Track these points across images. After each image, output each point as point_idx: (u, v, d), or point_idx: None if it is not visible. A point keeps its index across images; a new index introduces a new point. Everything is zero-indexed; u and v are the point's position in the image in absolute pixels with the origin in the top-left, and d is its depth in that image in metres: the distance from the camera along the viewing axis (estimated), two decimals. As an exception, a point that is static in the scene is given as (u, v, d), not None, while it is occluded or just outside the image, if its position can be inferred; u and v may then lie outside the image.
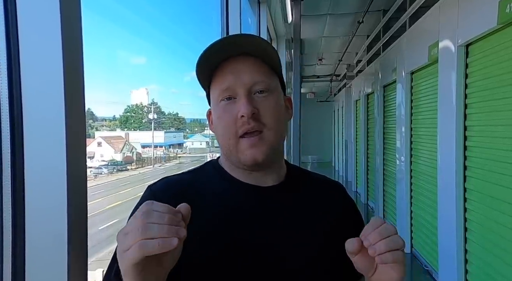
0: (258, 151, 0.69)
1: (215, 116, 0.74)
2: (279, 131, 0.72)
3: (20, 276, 0.64)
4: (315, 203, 0.78)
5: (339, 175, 12.50)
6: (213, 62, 0.71)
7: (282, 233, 0.71)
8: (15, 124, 0.64)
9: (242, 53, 0.71)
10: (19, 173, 0.64)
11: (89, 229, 0.74)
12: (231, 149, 0.71)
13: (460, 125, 3.28)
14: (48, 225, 0.65)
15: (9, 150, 0.63)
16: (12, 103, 0.64)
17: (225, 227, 0.69)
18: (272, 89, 0.73)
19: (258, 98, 0.71)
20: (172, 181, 0.75)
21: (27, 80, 0.65)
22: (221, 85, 0.71)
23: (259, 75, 0.71)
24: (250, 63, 0.72)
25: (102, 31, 54.33)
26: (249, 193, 0.73)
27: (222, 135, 0.72)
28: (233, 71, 0.71)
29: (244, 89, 0.70)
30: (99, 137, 34.20)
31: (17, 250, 0.64)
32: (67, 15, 0.66)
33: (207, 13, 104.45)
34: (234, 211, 0.71)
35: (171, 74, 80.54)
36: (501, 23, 2.59)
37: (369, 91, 7.42)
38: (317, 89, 14.22)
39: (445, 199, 3.62)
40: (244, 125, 0.69)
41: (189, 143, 49.46)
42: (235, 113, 0.69)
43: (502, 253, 2.74)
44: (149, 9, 62.76)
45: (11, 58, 0.64)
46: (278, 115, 0.73)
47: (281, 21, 4.39)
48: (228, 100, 0.71)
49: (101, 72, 64.22)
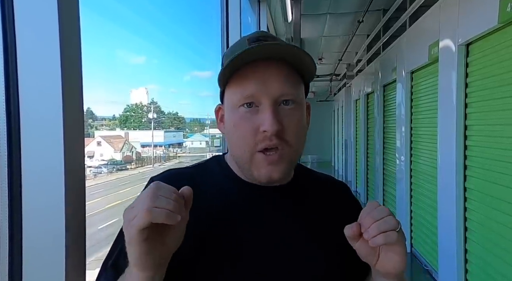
0: (275, 169, 0.65)
1: (230, 121, 0.68)
2: (300, 148, 0.68)
3: (17, 276, 0.64)
4: (322, 205, 0.76)
5: (338, 174, 12.49)
6: (243, 60, 0.63)
7: (288, 239, 0.69)
8: (12, 122, 0.63)
9: (277, 57, 0.65)
10: (16, 171, 0.63)
11: (88, 229, 0.73)
12: (245, 162, 0.67)
13: (460, 125, 3.28)
14: (45, 225, 0.65)
15: (6, 148, 0.63)
16: (9, 101, 0.63)
17: (226, 226, 0.68)
18: (298, 101, 0.67)
19: (284, 111, 0.65)
20: (174, 174, 0.74)
21: (24, 79, 0.64)
22: (244, 90, 0.64)
23: (287, 85, 0.65)
24: (281, 71, 0.65)
25: (102, 30, 54.46)
26: (253, 193, 0.71)
27: (237, 146, 0.67)
28: (260, 76, 0.64)
29: (270, 99, 0.64)
30: (98, 137, 34.18)
31: (14, 249, 0.63)
32: (65, 13, 0.65)
33: (207, 12, 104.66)
34: (236, 211, 0.70)
35: (170, 73, 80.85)
36: (501, 22, 2.59)
37: (369, 90, 7.42)
38: (317, 89, 14.21)
39: (445, 199, 3.62)
40: (265, 140, 0.64)
41: (189, 143, 49.41)
42: (256, 124, 0.64)
43: (502, 253, 2.74)
44: (148, 8, 63.00)
45: (8, 56, 0.63)
46: (302, 130, 0.68)
47: (281, 20, 4.39)
48: (249, 107, 0.65)
49: (100, 71, 64.45)
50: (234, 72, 0.65)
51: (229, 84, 0.67)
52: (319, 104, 14.67)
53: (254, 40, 0.67)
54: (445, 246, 3.61)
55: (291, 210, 0.72)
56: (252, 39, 0.67)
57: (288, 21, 4.74)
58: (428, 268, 4.29)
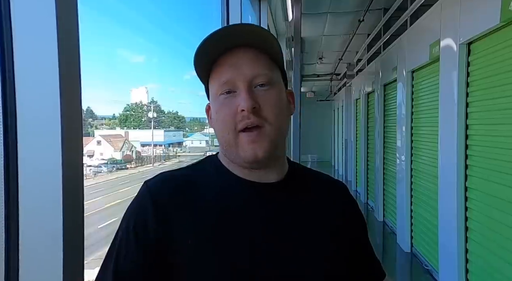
0: (258, 147, 0.67)
1: (213, 110, 0.71)
2: (281, 126, 0.70)
3: (13, 275, 0.63)
4: (318, 203, 0.76)
5: (338, 174, 12.49)
6: (211, 54, 0.68)
7: (286, 238, 0.68)
8: (8, 121, 0.62)
9: (242, 44, 0.68)
10: (13, 169, 0.62)
11: (88, 228, 0.72)
12: (230, 144, 0.68)
13: (461, 124, 3.27)
14: (42, 223, 0.64)
15: (2, 147, 0.62)
16: (5, 98, 0.62)
17: (224, 228, 0.67)
18: (273, 82, 0.70)
19: (259, 92, 0.68)
20: (168, 177, 0.73)
21: (21, 77, 0.63)
22: (220, 78, 0.68)
23: (260, 67, 0.68)
24: (251, 55, 0.69)
25: (101, 29, 54.19)
26: (249, 190, 0.71)
27: (220, 130, 0.69)
28: (233, 63, 0.68)
29: (244, 82, 0.67)
30: (98, 136, 34.19)
31: (11, 248, 0.62)
32: (64, 11, 0.64)
33: (208, 10, 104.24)
34: (233, 211, 0.69)
35: (170, 72, 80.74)
36: (504, 21, 2.57)
37: (369, 90, 7.41)
38: (317, 88, 14.21)
39: (446, 198, 3.61)
40: (244, 119, 0.66)
41: (189, 142, 49.43)
42: (234, 107, 0.67)
43: (503, 253, 2.73)
44: (149, 6, 62.74)
45: (4, 53, 0.62)
46: (280, 109, 0.70)
47: (282, 19, 4.38)
48: (227, 94, 0.68)
49: (100, 70, 64.32)
50: (212, 67, 0.70)
51: (210, 78, 0.71)
52: (319, 103, 14.67)
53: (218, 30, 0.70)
54: (446, 246, 3.60)
55: (290, 210, 0.72)
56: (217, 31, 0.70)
57: (288, 20, 4.74)
58: (429, 268, 4.28)
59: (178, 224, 0.66)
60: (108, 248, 0.67)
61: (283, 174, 0.75)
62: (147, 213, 0.66)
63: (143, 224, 0.65)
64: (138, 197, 0.69)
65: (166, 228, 0.65)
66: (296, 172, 0.78)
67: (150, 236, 0.65)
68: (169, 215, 0.66)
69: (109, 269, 0.64)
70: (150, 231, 0.65)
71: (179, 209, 0.67)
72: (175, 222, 0.66)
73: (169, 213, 0.66)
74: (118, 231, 0.68)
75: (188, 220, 0.66)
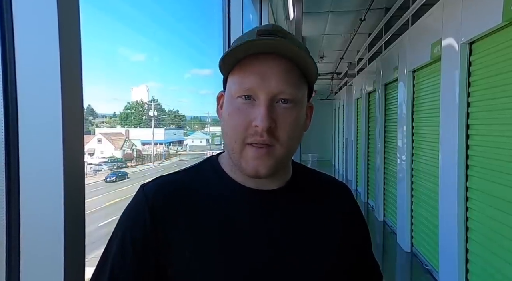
0: (262, 164, 0.64)
1: (226, 110, 0.68)
2: (292, 147, 0.67)
3: (15, 274, 0.63)
4: (321, 212, 0.74)
5: (339, 173, 12.49)
6: (241, 51, 0.63)
7: (288, 247, 0.67)
8: (9, 120, 0.62)
9: (277, 52, 0.63)
10: (14, 168, 0.62)
11: (88, 226, 0.72)
12: (235, 152, 0.66)
13: (463, 124, 3.26)
14: (44, 223, 0.64)
15: (3, 145, 0.62)
16: (7, 96, 0.62)
17: (225, 241, 0.65)
18: (297, 101, 0.66)
19: (279, 109, 0.64)
20: (165, 182, 0.70)
21: (22, 75, 0.63)
22: (243, 83, 0.64)
23: (288, 84, 0.63)
24: (282, 68, 0.64)
25: (103, 27, 54.19)
26: (250, 199, 0.69)
27: (228, 136, 0.66)
28: (261, 72, 0.63)
29: (267, 95, 0.63)
30: (99, 134, 34.16)
31: (12, 247, 0.62)
32: (65, 9, 0.64)
33: (209, 9, 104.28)
34: (234, 222, 0.67)
35: (171, 71, 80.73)
36: (505, 21, 2.57)
37: (370, 89, 7.40)
38: (318, 87, 14.19)
39: (446, 198, 3.61)
40: (255, 135, 0.63)
41: (189, 141, 49.34)
42: (249, 118, 0.63)
43: (503, 253, 2.72)
44: (150, 5, 62.66)
45: (6, 51, 0.62)
46: (296, 131, 0.66)
47: (283, 18, 4.37)
48: (246, 99, 0.64)
49: (101, 68, 64.46)
50: (237, 62, 0.65)
51: (232, 73, 0.67)
52: (320, 102, 14.65)
53: (263, 32, 0.65)
54: (446, 246, 3.60)
55: (293, 217, 0.70)
56: (261, 31, 0.66)
57: (289, 19, 4.72)
58: (429, 268, 4.28)
59: (176, 234, 0.64)
60: (101, 256, 0.65)
61: (286, 180, 0.73)
62: (144, 222, 0.64)
63: (140, 234, 0.64)
64: (134, 203, 0.67)
65: (163, 238, 0.63)
66: (300, 175, 0.76)
67: (146, 247, 0.63)
68: (167, 224, 0.65)
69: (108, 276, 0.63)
70: (147, 241, 0.63)
71: (177, 217, 0.65)
72: (172, 231, 0.64)
73: (166, 222, 0.65)
74: (112, 239, 0.66)
75: (187, 231, 0.65)
